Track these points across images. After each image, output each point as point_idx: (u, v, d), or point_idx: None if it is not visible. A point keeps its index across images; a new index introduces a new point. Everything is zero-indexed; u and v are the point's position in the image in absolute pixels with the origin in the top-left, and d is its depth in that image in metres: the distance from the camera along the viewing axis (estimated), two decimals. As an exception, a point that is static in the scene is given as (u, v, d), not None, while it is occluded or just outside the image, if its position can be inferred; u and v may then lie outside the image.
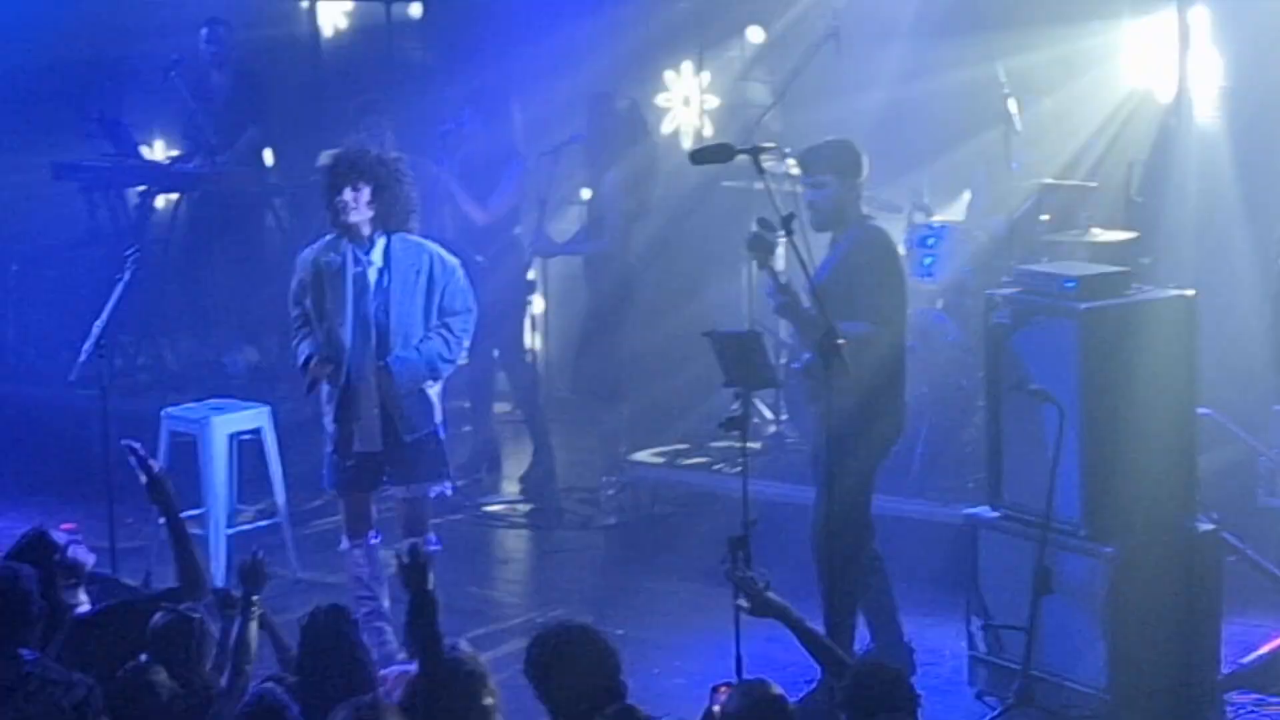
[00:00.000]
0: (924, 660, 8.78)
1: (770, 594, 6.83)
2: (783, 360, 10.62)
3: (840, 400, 7.93)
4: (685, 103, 13.38)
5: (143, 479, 7.83)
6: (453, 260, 9.02)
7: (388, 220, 8.85)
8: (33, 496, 11.75)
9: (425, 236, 9.14)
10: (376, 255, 8.85)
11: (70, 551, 7.47)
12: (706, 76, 13.20)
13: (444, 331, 8.95)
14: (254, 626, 7.15)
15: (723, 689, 6.68)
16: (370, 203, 8.79)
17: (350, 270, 8.85)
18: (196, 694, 6.82)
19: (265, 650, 7.30)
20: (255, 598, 7.18)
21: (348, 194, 8.75)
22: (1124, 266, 9.03)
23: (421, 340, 8.89)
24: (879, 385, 8.38)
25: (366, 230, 8.83)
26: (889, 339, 8.44)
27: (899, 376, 8.61)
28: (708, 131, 13.08)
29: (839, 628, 8.20)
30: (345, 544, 9.06)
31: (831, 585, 8.21)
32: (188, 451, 10.46)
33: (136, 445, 7.91)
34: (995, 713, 8.47)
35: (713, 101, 13.24)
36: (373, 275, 8.85)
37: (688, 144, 12.98)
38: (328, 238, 8.98)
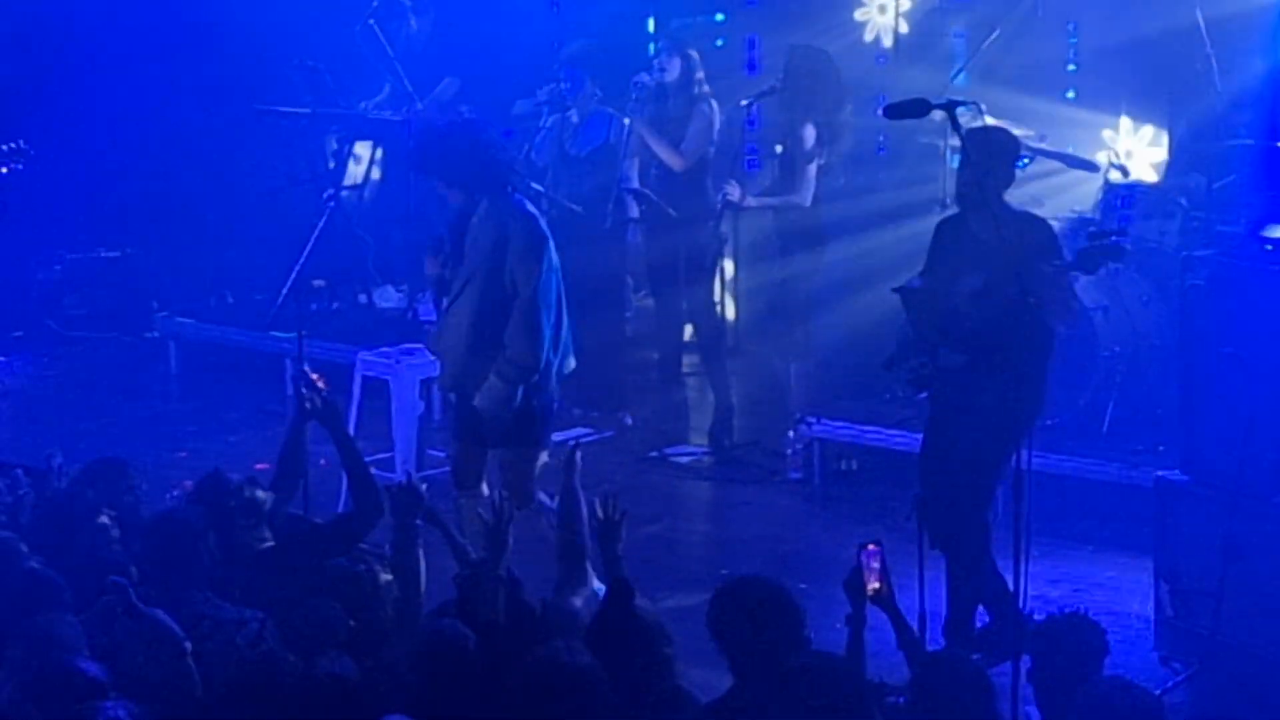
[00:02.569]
0: (1109, 623, 8.67)
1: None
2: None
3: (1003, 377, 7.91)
4: (881, 10, 13.28)
5: (307, 406, 7.99)
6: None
7: None
8: (230, 436, 11.98)
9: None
10: None
11: (248, 492, 7.62)
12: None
13: None
14: (419, 552, 7.25)
15: (871, 546, 6.69)
16: None
17: None
18: (372, 630, 6.93)
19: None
20: (410, 522, 7.32)
21: None
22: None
23: None
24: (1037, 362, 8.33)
25: None
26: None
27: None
28: (903, 28, 12.93)
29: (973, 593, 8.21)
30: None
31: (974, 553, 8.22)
32: (380, 395, 10.60)
33: (304, 371, 8.08)
34: (1180, 677, 8.39)
35: (905, 4, 13.13)
36: None
37: (889, 42, 12.85)
38: None
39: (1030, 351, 8.08)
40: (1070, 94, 12.10)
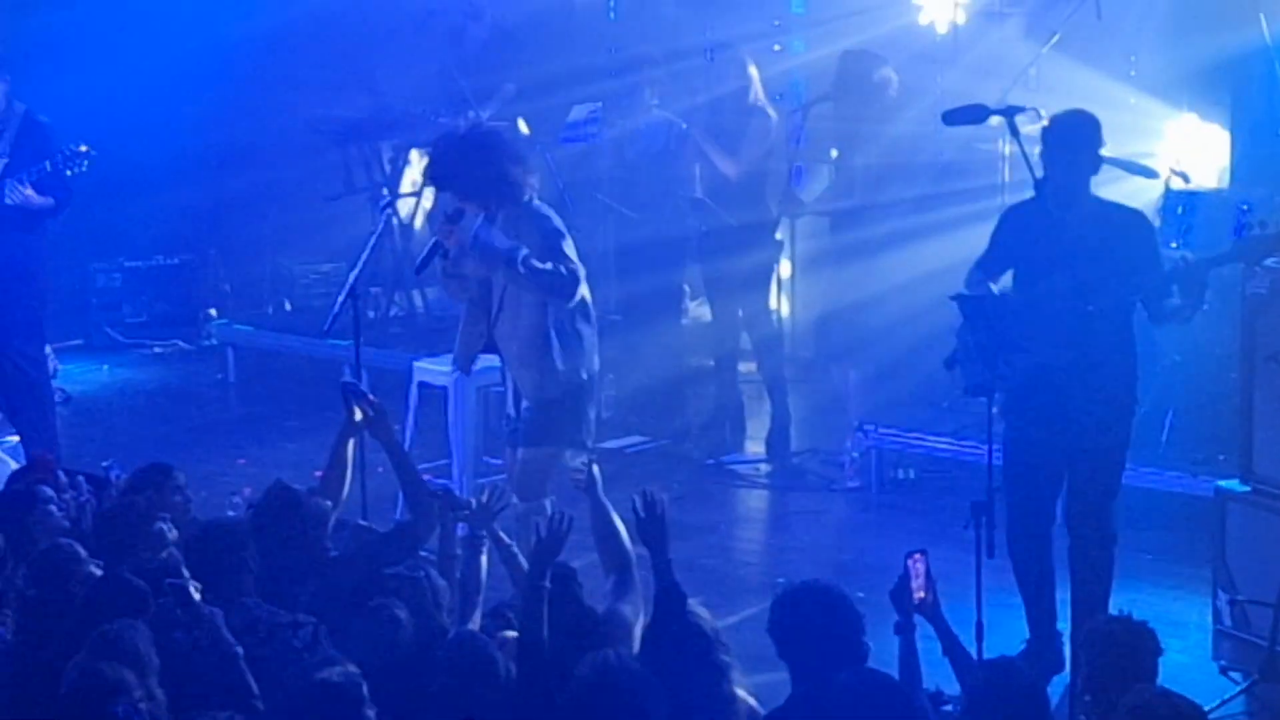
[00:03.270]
0: (1167, 633, 8.61)
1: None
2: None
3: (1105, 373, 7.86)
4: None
5: (358, 416, 8.00)
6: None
7: None
8: (288, 443, 12.02)
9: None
10: None
11: (312, 501, 7.65)
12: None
13: None
14: (483, 560, 7.31)
15: (917, 554, 6.68)
16: None
17: None
18: (432, 633, 6.95)
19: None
20: (482, 533, 7.38)
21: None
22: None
23: None
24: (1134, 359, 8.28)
25: None
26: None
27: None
28: (960, 19, 12.86)
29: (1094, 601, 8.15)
30: None
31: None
32: (437, 404, 10.61)
33: (353, 381, 8.09)
34: (1240, 688, 8.34)
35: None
36: None
37: (942, 30, 12.79)
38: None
39: (1129, 349, 8.07)
40: (1132, 72, 11.92)
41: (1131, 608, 8.49)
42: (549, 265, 8.60)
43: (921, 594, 6.68)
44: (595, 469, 7.68)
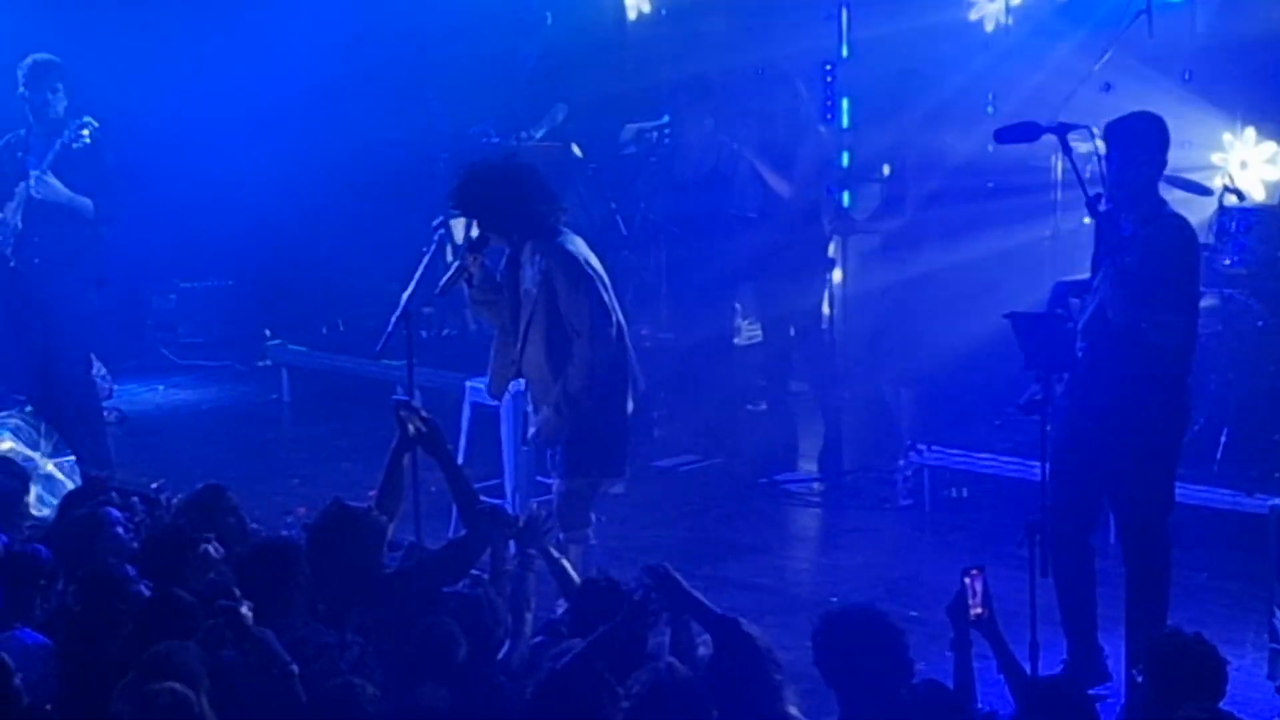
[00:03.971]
0: (1224, 652, 8.60)
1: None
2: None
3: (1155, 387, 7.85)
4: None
5: (411, 431, 8.02)
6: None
7: None
8: (342, 463, 12.06)
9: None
10: None
11: (370, 519, 7.66)
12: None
13: None
14: (532, 577, 7.36)
15: (974, 571, 6.66)
16: None
17: None
18: (485, 655, 6.98)
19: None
20: (532, 550, 7.44)
21: None
22: None
23: None
24: (1183, 373, 8.23)
25: None
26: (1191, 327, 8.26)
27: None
28: (1007, 20, 12.81)
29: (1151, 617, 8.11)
30: None
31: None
32: (490, 423, 10.63)
33: (405, 399, 8.12)
34: (1297, 708, 8.29)
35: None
36: None
37: (991, 27, 12.73)
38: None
39: (1184, 360, 8.04)
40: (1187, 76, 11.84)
41: (1186, 626, 8.49)
42: (575, 361, 8.65)
43: (979, 611, 6.67)
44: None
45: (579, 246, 8.89)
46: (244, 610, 6.67)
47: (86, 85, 11.24)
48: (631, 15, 14.65)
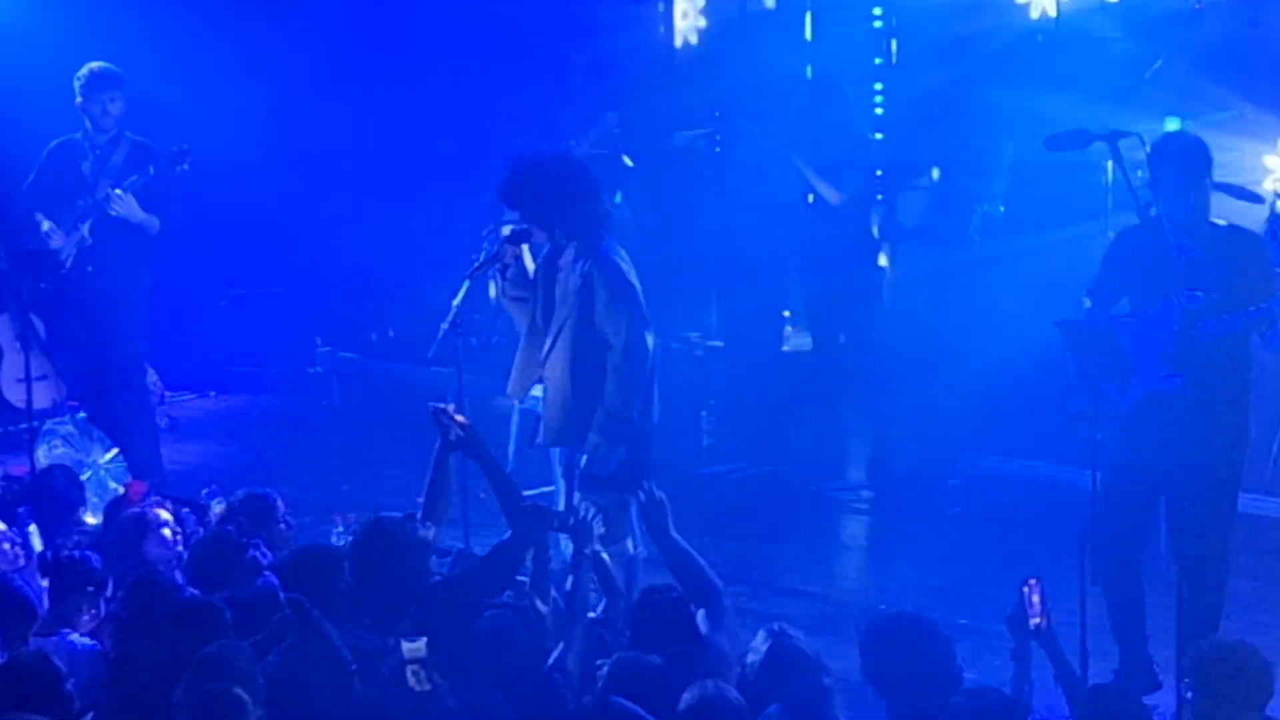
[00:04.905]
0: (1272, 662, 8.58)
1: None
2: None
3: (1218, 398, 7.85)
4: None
5: (452, 436, 8.01)
6: None
7: None
8: (392, 469, 12.07)
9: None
10: None
11: (413, 528, 7.67)
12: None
13: None
14: (586, 580, 7.36)
15: (1032, 581, 6.65)
16: None
17: None
18: (531, 663, 7.00)
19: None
20: (586, 551, 7.44)
21: None
22: None
23: None
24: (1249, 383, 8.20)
25: None
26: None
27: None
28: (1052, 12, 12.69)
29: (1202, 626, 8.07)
30: None
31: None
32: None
33: (442, 404, 8.12)
34: (1351, 719, 8.22)
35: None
36: None
37: (1053, 12, 12.63)
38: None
39: (1243, 374, 8.00)
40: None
41: (1234, 635, 8.45)
42: (611, 378, 8.45)
43: (1038, 620, 6.66)
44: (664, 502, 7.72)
45: (624, 257, 8.68)
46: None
47: (135, 94, 11.26)
48: (678, 42, 14.56)
